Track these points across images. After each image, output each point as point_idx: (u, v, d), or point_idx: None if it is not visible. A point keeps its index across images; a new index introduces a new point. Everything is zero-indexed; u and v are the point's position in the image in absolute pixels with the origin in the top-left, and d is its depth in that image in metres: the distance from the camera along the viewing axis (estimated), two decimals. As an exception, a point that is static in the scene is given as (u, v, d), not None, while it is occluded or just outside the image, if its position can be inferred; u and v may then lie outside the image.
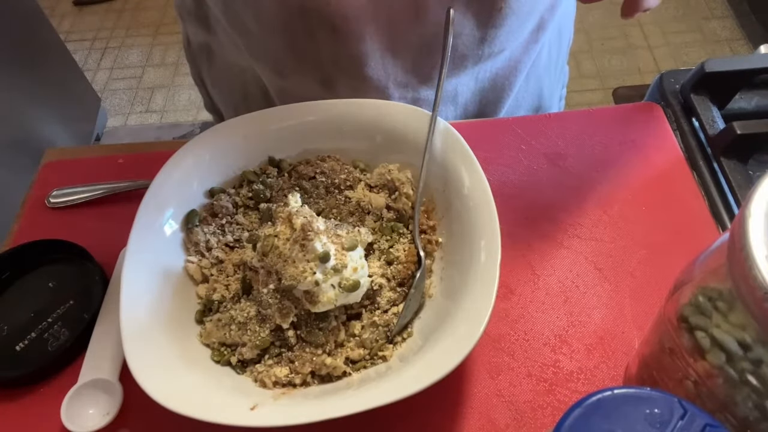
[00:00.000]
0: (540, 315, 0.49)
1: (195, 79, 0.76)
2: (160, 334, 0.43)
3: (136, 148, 0.63)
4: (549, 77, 0.73)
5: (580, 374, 0.46)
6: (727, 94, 0.61)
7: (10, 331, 0.49)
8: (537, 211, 0.55)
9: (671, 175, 0.57)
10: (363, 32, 0.54)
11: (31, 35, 1.63)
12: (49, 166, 0.62)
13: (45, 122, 1.63)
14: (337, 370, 0.43)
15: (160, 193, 0.48)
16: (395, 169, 0.52)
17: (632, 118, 0.62)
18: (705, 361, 0.31)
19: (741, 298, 0.28)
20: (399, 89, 0.60)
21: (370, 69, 0.57)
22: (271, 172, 0.53)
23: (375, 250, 0.48)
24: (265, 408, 0.39)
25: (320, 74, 0.60)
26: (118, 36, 2.31)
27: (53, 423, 0.44)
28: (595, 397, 0.28)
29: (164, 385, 0.38)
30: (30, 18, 1.64)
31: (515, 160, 0.59)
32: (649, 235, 0.53)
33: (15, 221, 0.57)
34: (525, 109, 0.72)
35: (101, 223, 0.56)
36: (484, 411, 0.44)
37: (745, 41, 2.08)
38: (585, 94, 1.98)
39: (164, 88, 2.14)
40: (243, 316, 0.44)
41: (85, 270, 0.52)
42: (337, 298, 0.42)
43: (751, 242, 0.27)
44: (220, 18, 0.61)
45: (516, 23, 0.58)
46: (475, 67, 0.62)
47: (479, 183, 0.46)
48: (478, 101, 0.66)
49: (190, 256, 0.49)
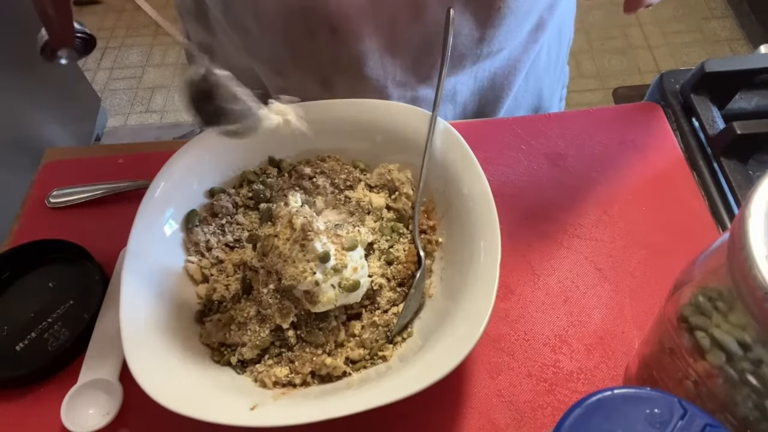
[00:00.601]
0: (540, 315, 0.49)
1: None
2: (160, 334, 0.43)
3: (136, 148, 0.63)
4: (549, 77, 0.73)
5: (580, 374, 0.46)
6: (727, 94, 0.61)
7: (10, 331, 0.49)
8: (537, 211, 0.55)
9: (671, 175, 0.57)
10: (362, 32, 0.54)
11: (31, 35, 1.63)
12: (49, 166, 0.62)
13: (45, 122, 1.63)
14: (337, 370, 0.43)
15: (160, 193, 0.48)
16: (395, 169, 0.52)
17: (632, 118, 0.62)
18: (705, 361, 0.31)
19: (741, 298, 0.28)
20: (398, 88, 0.60)
21: (369, 68, 0.58)
22: (271, 172, 0.53)
23: (375, 250, 0.48)
24: (265, 408, 0.39)
25: (319, 74, 0.60)
26: (118, 36, 2.31)
27: (53, 423, 0.44)
28: (595, 397, 0.28)
29: (164, 385, 0.38)
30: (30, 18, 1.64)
31: (515, 160, 0.59)
32: (649, 235, 0.53)
33: (15, 221, 0.57)
34: (524, 108, 0.72)
35: (101, 223, 0.56)
36: (484, 411, 0.44)
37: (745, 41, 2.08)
38: (585, 94, 1.98)
39: (164, 88, 2.14)
40: (243, 316, 0.44)
41: (85, 270, 0.52)
42: (337, 298, 0.42)
43: (751, 242, 0.27)
44: (219, 18, 0.61)
45: (515, 23, 0.58)
46: (473, 66, 0.62)
47: (479, 183, 0.46)
48: (477, 100, 0.66)
49: (190, 256, 0.49)
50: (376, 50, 0.56)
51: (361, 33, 0.54)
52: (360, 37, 0.55)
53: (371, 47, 0.56)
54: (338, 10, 0.52)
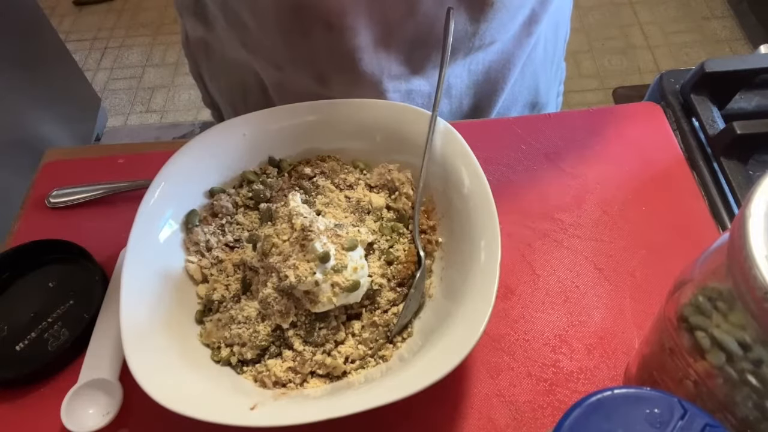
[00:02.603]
0: (540, 315, 0.49)
1: (193, 74, 0.77)
2: (160, 334, 0.43)
3: (136, 148, 0.63)
4: (545, 72, 0.73)
5: (580, 374, 0.46)
6: (727, 94, 0.61)
7: (10, 331, 0.49)
8: (537, 211, 0.55)
9: (671, 175, 0.57)
10: (357, 27, 0.55)
11: (31, 35, 1.63)
12: (49, 166, 0.62)
13: (45, 122, 1.63)
14: (337, 370, 0.43)
15: (159, 193, 0.48)
16: (395, 169, 0.52)
17: (632, 118, 0.62)
18: (705, 361, 0.31)
19: (741, 298, 0.28)
20: (392, 81, 0.61)
21: (365, 63, 0.58)
22: (271, 172, 0.53)
23: (375, 250, 0.48)
24: (265, 408, 0.39)
25: (315, 68, 0.60)
26: (118, 36, 2.31)
27: (53, 423, 0.44)
28: (595, 397, 0.28)
29: (164, 385, 0.38)
30: (30, 18, 1.64)
31: (515, 160, 0.59)
32: (649, 235, 0.53)
33: (15, 221, 0.57)
34: (521, 103, 0.72)
35: (101, 223, 0.56)
36: (484, 411, 0.44)
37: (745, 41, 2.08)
38: (585, 94, 1.98)
39: (164, 88, 2.14)
40: (243, 316, 0.44)
41: (85, 270, 0.52)
42: (337, 298, 0.42)
43: (751, 242, 0.27)
44: (217, 13, 0.62)
45: (506, 16, 0.59)
46: (466, 58, 0.62)
47: (479, 183, 0.46)
48: (472, 94, 0.67)
49: (190, 256, 0.49)
50: (371, 45, 0.57)
51: (356, 28, 0.55)
52: (355, 32, 0.55)
53: (366, 42, 0.56)
54: (333, 5, 0.52)
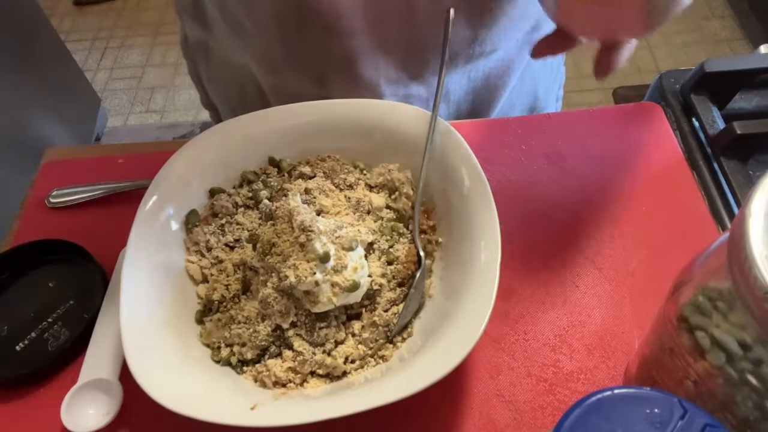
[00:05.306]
0: (540, 315, 0.49)
1: (192, 76, 0.77)
2: (160, 334, 0.43)
3: (136, 148, 0.63)
4: (545, 77, 0.73)
5: (580, 374, 0.46)
6: (727, 94, 0.61)
7: (10, 331, 0.49)
8: (537, 211, 0.55)
9: (671, 175, 0.57)
10: (355, 31, 0.54)
11: (31, 35, 1.63)
12: (49, 166, 0.62)
13: (45, 122, 1.63)
14: (336, 370, 0.43)
15: (160, 193, 0.48)
16: (395, 169, 0.52)
17: (632, 118, 0.62)
18: (705, 361, 0.31)
19: (741, 298, 0.28)
20: (390, 86, 0.61)
21: (362, 67, 0.58)
22: (271, 172, 0.53)
23: (375, 250, 0.48)
24: (265, 408, 0.39)
25: (313, 71, 0.60)
26: (118, 36, 2.31)
27: (53, 423, 0.44)
28: (595, 397, 0.28)
29: (164, 385, 0.38)
30: (30, 18, 1.64)
31: (515, 160, 0.59)
32: (649, 235, 0.53)
33: (15, 221, 0.57)
34: (519, 108, 0.72)
35: (101, 223, 0.56)
36: (484, 411, 0.44)
37: (745, 41, 2.08)
38: (585, 94, 1.98)
39: (164, 88, 2.14)
40: (243, 316, 0.44)
41: (85, 270, 0.52)
42: (337, 298, 0.42)
43: (751, 242, 0.27)
44: (216, 15, 0.62)
45: (508, 24, 0.59)
46: (466, 65, 0.62)
47: (479, 183, 0.46)
48: (471, 100, 0.66)
49: (190, 256, 0.49)
50: (368, 49, 0.57)
51: (354, 32, 0.55)
52: (352, 36, 0.55)
53: (363, 46, 0.56)
54: (331, 8, 0.52)
